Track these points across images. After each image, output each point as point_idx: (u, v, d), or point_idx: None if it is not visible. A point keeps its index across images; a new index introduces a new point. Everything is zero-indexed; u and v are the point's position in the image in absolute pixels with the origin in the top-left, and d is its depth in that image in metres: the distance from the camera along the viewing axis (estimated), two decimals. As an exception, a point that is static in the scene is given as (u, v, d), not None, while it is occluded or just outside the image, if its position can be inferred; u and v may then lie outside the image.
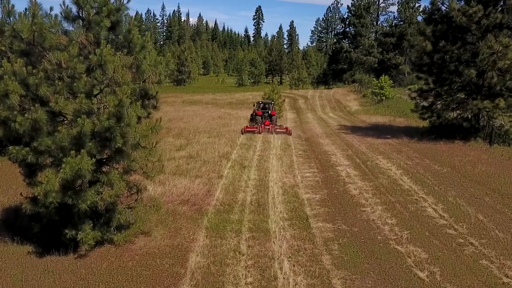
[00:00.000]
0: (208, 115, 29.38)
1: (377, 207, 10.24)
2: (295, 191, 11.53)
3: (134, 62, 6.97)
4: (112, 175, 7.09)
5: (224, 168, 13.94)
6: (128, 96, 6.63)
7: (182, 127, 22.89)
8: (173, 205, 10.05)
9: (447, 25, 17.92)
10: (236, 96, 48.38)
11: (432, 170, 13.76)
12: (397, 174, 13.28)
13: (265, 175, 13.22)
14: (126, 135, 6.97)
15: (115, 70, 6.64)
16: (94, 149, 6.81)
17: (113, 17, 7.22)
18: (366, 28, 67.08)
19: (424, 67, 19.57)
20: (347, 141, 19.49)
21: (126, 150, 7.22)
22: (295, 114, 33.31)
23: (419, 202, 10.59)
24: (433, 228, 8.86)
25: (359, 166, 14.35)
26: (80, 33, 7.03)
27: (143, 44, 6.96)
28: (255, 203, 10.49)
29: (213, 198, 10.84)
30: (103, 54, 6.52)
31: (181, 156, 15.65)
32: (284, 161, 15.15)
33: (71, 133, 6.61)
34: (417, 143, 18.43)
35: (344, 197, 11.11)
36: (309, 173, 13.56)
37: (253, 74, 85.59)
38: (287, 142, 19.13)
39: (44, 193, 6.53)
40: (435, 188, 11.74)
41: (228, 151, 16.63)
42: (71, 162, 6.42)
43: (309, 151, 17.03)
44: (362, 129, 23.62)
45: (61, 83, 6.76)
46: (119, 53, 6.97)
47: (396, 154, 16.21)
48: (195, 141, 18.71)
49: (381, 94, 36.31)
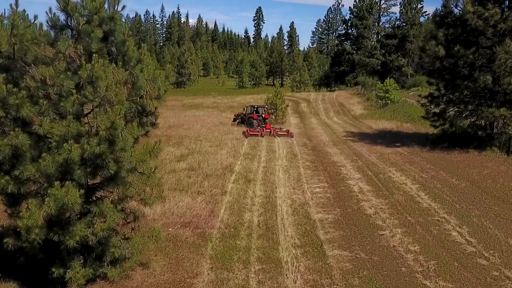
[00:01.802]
0: (210, 121, 28.53)
1: (396, 229, 9.39)
2: (306, 210, 10.68)
3: (129, 78, 6.13)
4: (105, 206, 6.24)
5: (227, 182, 13.08)
6: (122, 117, 5.80)
7: (182, 134, 22.03)
8: (174, 229, 9.20)
9: (461, 28, 17.08)
10: (237, 100, 47.53)
11: (449, 184, 12.90)
12: (413, 189, 12.43)
13: (272, 190, 12.37)
14: (121, 161, 6.14)
15: (107, 87, 5.80)
16: (84, 177, 5.97)
17: (106, 27, 6.38)
18: (369, 29, 66.29)
19: (435, 72, 18.74)
20: (355, 150, 18.63)
21: (120, 177, 6.38)
22: (298, 119, 32.47)
23: (442, 223, 9.74)
24: (462, 257, 8.01)
25: (371, 180, 13.49)
26: (68, 44, 6.18)
27: (139, 58, 6.12)
28: (263, 226, 9.63)
29: (217, 219, 9.99)
30: (94, 70, 5.69)
31: (182, 168, 14.80)
32: (291, 174, 14.30)
33: (57, 159, 5.76)
34: (429, 152, 17.58)
35: (359, 217, 10.26)
36: (319, 188, 12.70)
37: (254, 76, 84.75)
38: (293, 151, 18.27)
39: (26, 229, 5.68)
40: (456, 206, 10.89)
41: (231, 162, 15.78)
42: (56, 195, 5.58)
43: (317, 162, 16.17)
44: (370, 136, 22.76)
45: (46, 103, 5.91)
46: (112, 67, 6.13)
47: (409, 166, 15.35)
48: (197, 151, 17.86)
49: (386, 98, 35.46)
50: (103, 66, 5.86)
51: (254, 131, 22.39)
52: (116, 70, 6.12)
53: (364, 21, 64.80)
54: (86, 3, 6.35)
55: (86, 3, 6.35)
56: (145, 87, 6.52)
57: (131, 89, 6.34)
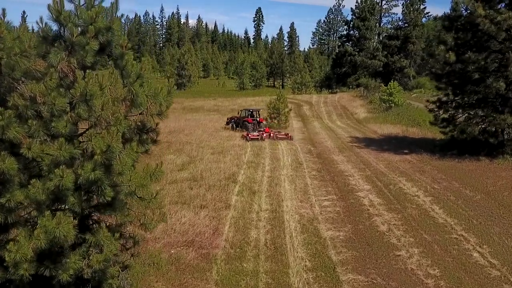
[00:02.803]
0: (211, 126, 27.98)
1: (413, 249, 8.82)
2: (315, 227, 10.11)
3: (128, 95, 5.56)
4: (102, 235, 5.67)
5: (231, 194, 12.52)
6: (119, 139, 5.24)
7: (183, 140, 21.47)
8: (176, 250, 8.63)
9: (471, 33, 16.52)
10: (239, 102, 46.97)
11: (464, 196, 12.33)
12: (426, 202, 11.86)
13: (278, 204, 11.80)
14: (118, 186, 5.58)
15: (103, 106, 5.24)
16: (78, 204, 5.41)
17: (103, 38, 5.82)
18: (371, 31, 65.72)
19: (443, 77, 18.18)
20: (362, 157, 18.06)
21: (118, 202, 5.82)
22: (301, 123, 31.90)
23: (460, 242, 9.16)
24: (486, 282, 7.45)
25: (381, 192, 12.93)
26: (61, 57, 5.62)
27: (139, 73, 5.55)
28: (270, 245, 9.07)
29: (222, 237, 9.42)
30: (89, 86, 5.13)
31: (184, 179, 14.24)
32: (297, 185, 13.73)
33: (48, 186, 5.20)
34: (439, 160, 17.01)
35: (371, 234, 9.69)
36: (327, 201, 12.13)
37: (254, 78, 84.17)
38: (298, 159, 17.69)
39: (14, 263, 5.12)
40: (473, 221, 10.32)
41: (234, 171, 15.22)
42: (47, 226, 5.02)
43: (323, 171, 15.60)
44: (376, 142, 22.19)
45: (36, 123, 5.35)
46: (110, 82, 5.56)
47: (419, 175, 14.78)
48: (198, 159, 17.30)
49: (389, 101, 34.89)
50: (99, 82, 5.31)
51: (255, 135, 22.52)
52: (113, 86, 5.56)
53: (366, 22, 64.23)
54: (81, 12, 5.81)
55: (81, 12, 5.80)
56: (146, 103, 5.96)
57: (130, 106, 5.79)
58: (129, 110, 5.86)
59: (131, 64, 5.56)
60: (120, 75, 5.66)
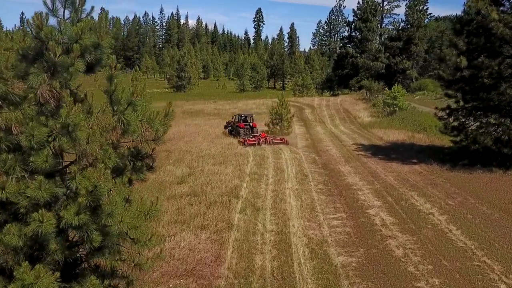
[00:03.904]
0: (211, 132, 27.26)
1: (433, 280, 8.09)
2: (325, 251, 9.38)
3: (119, 124, 4.83)
4: (89, 283, 4.96)
5: (234, 212, 11.79)
6: (108, 177, 4.51)
7: (183, 149, 20.74)
8: (175, 282, 7.90)
9: (484, 37, 15.80)
10: (239, 106, 46.23)
11: (481, 214, 11.60)
12: (442, 221, 11.13)
13: (284, 223, 11.07)
14: (108, 229, 4.85)
15: (89, 138, 4.51)
16: (60, 251, 4.69)
17: (90, 56, 5.10)
18: (373, 32, 64.95)
19: (455, 83, 17.46)
20: (370, 168, 17.32)
21: (108, 246, 5.09)
22: (304, 128, 31.14)
23: (484, 271, 8.43)
24: (518, 322, 6.72)
25: (393, 208, 12.20)
26: (42, 79, 4.89)
27: (130, 100, 4.81)
28: (277, 275, 8.33)
29: (224, 265, 8.69)
30: (71, 116, 4.40)
31: (183, 193, 13.52)
32: (303, 200, 13.00)
33: (25, 232, 4.48)
34: (450, 171, 16.28)
35: (386, 261, 8.96)
36: (336, 219, 11.40)
37: (255, 79, 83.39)
38: (303, 170, 16.96)
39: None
40: (495, 245, 9.59)
41: (236, 184, 14.49)
42: (24, 280, 4.30)
43: (330, 184, 14.87)
44: (382, 150, 21.44)
45: (11, 157, 4.63)
46: (98, 110, 4.84)
47: (432, 189, 14.04)
48: (199, 170, 16.58)
49: (394, 105, 34.14)
50: (84, 110, 4.59)
51: (252, 141, 22.86)
52: (101, 113, 4.83)
53: (368, 23, 63.44)
54: (65, 27, 5.09)
55: (65, 28, 5.08)
56: (139, 130, 5.23)
57: (121, 135, 5.07)
58: (120, 138, 5.14)
59: (121, 90, 4.81)
60: (109, 101, 4.92)
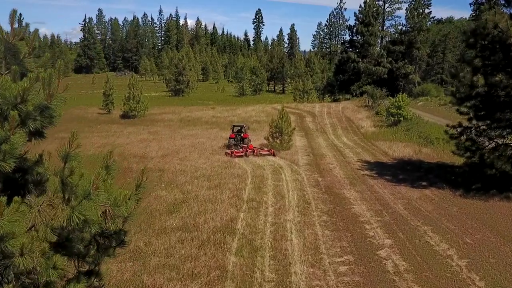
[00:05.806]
0: (208, 145, 26.07)
1: None
2: (332, 313, 8.15)
3: (70, 222, 3.58)
4: None
5: (229, 254, 10.57)
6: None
7: (177, 168, 19.52)
8: None
9: (502, 53, 14.59)
10: (238, 113, 45.04)
11: (505, 258, 10.38)
12: (462, 268, 9.89)
13: (285, 270, 9.84)
14: None
15: (23, 248, 3.27)
16: None
17: (35, 124, 3.89)
18: (375, 36, 63.74)
19: (467, 100, 16.26)
20: (377, 193, 16.07)
21: None
22: (305, 140, 29.89)
23: None
24: None
25: (406, 249, 10.96)
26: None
27: (89, 191, 3.56)
28: None
29: (216, 333, 7.46)
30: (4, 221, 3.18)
31: (174, 227, 12.33)
32: (306, 237, 11.77)
33: None
34: (463, 198, 15.07)
35: (404, 326, 7.73)
36: (343, 264, 10.17)
37: (254, 83, 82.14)
38: (305, 196, 15.71)
39: None
40: (527, 304, 8.37)
41: (233, 216, 13.27)
42: None
43: (335, 215, 13.63)
44: (388, 169, 20.21)
45: None
46: (36, 206, 3.60)
47: (446, 222, 12.82)
48: (192, 196, 15.37)
49: (398, 115, 32.93)
50: (19, 212, 3.35)
51: (239, 152, 22.89)
52: (44, 209, 3.59)
53: (370, 27, 62.22)
54: (3, 84, 3.88)
55: (3, 85, 3.87)
56: (100, 219, 3.99)
57: (73, 231, 3.83)
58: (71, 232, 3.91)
59: (79, 175, 3.56)
60: (61, 189, 3.67)
